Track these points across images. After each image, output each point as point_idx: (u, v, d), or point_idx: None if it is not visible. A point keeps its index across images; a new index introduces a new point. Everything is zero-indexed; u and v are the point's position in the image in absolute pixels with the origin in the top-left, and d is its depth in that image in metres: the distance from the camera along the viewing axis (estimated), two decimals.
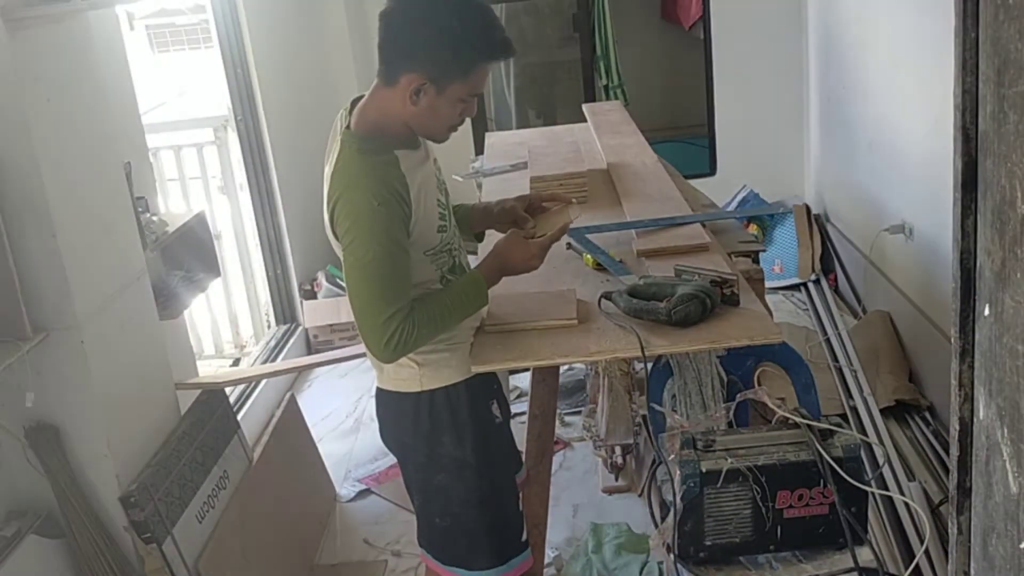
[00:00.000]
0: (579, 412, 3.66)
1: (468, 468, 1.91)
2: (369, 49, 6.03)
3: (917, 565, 2.47)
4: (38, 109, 2.12)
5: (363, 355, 2.04)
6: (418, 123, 1.77)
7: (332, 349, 4.36)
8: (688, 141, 5.93)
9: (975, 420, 1.03)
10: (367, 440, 3.73)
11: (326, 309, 4.54)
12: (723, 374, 2.35)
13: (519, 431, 2.48)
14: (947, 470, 2.84)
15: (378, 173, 1.71)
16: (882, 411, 3.42)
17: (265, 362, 4.15)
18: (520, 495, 2.06)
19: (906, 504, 2.78)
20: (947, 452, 2.90)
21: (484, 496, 1.94)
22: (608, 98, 5.44)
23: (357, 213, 1.70)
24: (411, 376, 1.90)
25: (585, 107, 4.13)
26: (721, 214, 2.81)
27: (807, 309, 4.63)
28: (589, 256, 2.29)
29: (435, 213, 1.80)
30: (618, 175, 3.04)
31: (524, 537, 2.01)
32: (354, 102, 1.84)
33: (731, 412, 1.99)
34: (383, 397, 1.97)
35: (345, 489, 3.43)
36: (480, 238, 2.15)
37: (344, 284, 1.83)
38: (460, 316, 1.83)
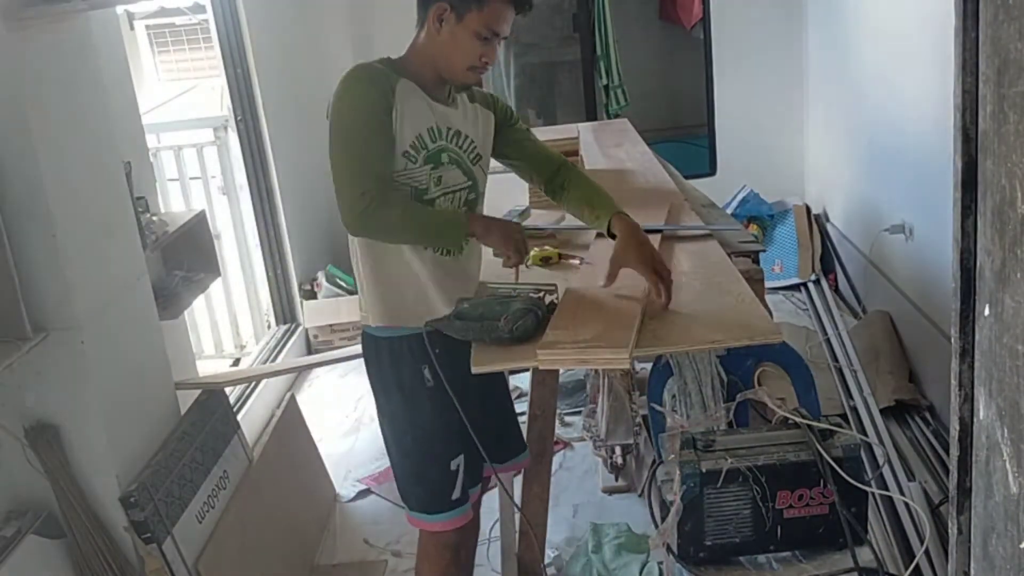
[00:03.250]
0: (579, 412, 3.66)
1: (394, 418, 2.06)
2: (369, 49, 6.06)
3: (917, 565, 2.47)
4: (38, 109, 2.12)
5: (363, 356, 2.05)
6: (441, 55, 1.89)
7: (332, 349, 4.37)
8: (688, 141, 5.94)
9: (975, 420, 1.03)
10: (367, 440, 3.73)
11: (326, 309, 4.55)
12: (723, 374, 2.35)
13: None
14: (947, 470, 2.84)
15: (376, 75, 1.87)
16: (882, 411, 3.42)
17: (265, 362, 4.16)
18: (468, 459, 2.07)
19: (906, 504, 2.78)
20: (947, 452, 2.90)
21: (407, 449, 2.06)
22: (608, 97, 5.44)
23: (348, 95, 1.85)
24: (365, 313, 2.04)
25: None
26: (701, 227, 2.81)
27: (807, 309, 4.63)
28: (536, 250, 2.28)
29: (407, 140, 1.88)
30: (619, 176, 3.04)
31: (456, 495, 2.06)
32: None
33: (731, 412, 1.99)
34: (363, 334, 2.10)
35: (345, 489, 3.43)
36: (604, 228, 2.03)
37: (341, 285, 1.86)
38: (425, 236, 1.92)
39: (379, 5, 5.22)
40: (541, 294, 1.90)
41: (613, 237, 1.95)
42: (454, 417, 1.96)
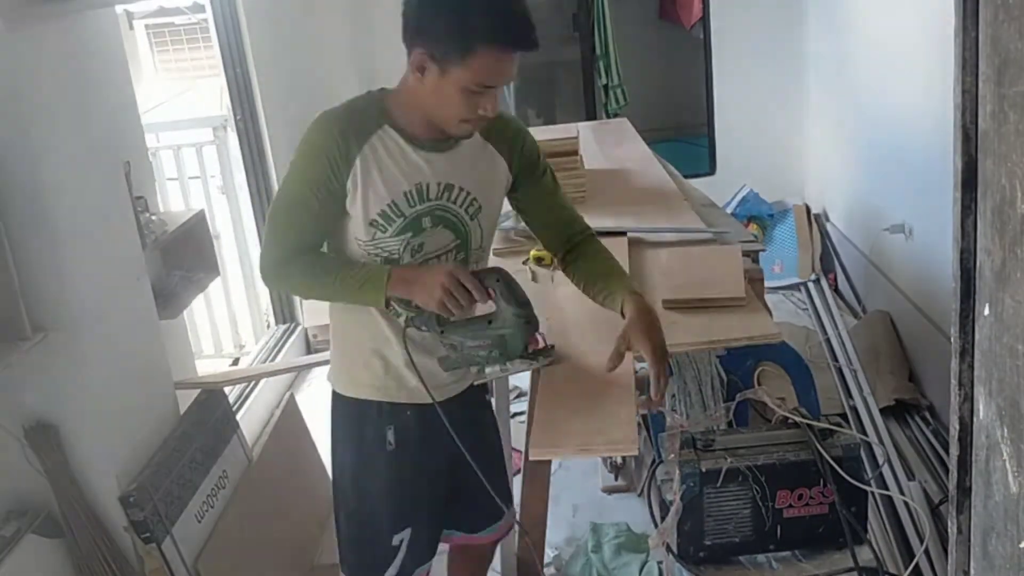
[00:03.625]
0: None
1: (343, 474, 1.91)
2: (369, 49, 6.03)
3: (917, 565, 2.47)
4: (38, 109, 2.11)
5: None
6: (427, 105, 1.61)
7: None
8: (688, 141, 5.94)
9: (975, 420, 1.03)
10: None
11: (326, 309, 4.53)
12: (723, 374, 2.36)
13: (519, 431, 2.48)
14: (947, 470, 2.84)
15: (341, 132, 1.62)
16: (882, 411, 3.42)
17: (264, 362, 4.15)
18: (406, 532, 1.90)
19: (906, 504, 2.78)
20: (947, 452, 2.90)
21: (350, 510, 1.93)
22: (608, 97, 5.44)
23: (299, 153, 1.67)
24: (333, 377, 1.93)
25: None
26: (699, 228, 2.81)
27: (807, 309, 4.63)
28: (534, 251, 2.27)
29: (375, 208, 1.65)
30: (621, 177, 3.04)
31: (391, 574, 1.91)
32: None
33: (731, 412, 1.99)
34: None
35: None
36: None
37: None
38: (342, 294, 1.72)
39: (379, 4, 5.22)
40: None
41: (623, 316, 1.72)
42: (412, 486, 1.87)
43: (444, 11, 1.54)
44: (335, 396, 1.92)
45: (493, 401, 2.29)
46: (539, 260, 2.28)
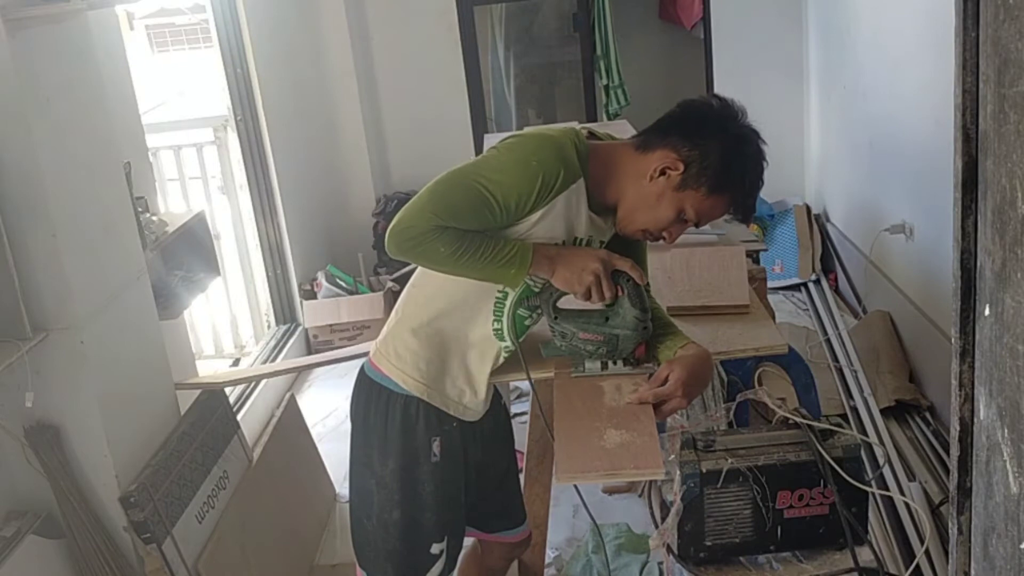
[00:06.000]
0: None
1: (385, 488, 1.86)
2: (369, 49, 6.04)
3: (917, 565, 2.47)
4: (38, 109, 2.11)
5: (364, 355, 2.01)
6: (633, 197, 1.67)
7: (332, 349, 4.36)
8: None
9: (975, 420, 1.03)
10: None
11: (326, 309, 4.55)
12: (723, 374, 2.35)
13: (519, 431, 2.47)
14: (947, 470, 2.84)
15: (566, 163, 1.62)
16: (882, 411, 3.42)
17: (265, 362, 4.16)
18: (444, 541, 1.91)
19: (906, 504, 2.78)
20: (947, 452, 2.90)
21: (389, 522, 1.88)
22: (608, 97, 5.44)
23: (526, 151, 1.62)
24: (383, 362, 1.84)
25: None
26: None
27: (807, 309, 4.63)
28: None
29: (542, 238, 1.67)
30: None
31: None
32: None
33: (731, 412, 1.99)
34: (365, 368, 1.91)
35: (345, 489, 3.42)
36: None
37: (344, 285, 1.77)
38: (481, 266, 1.64)
39: (378, 5, 5.23)
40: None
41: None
42: (453, 497, 1.89)
43: (728, 152, 1.64)
44: (379, 393, 1.84)
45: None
46: None
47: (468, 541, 2.13)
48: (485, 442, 1.91)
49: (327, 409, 4.05)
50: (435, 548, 1.90)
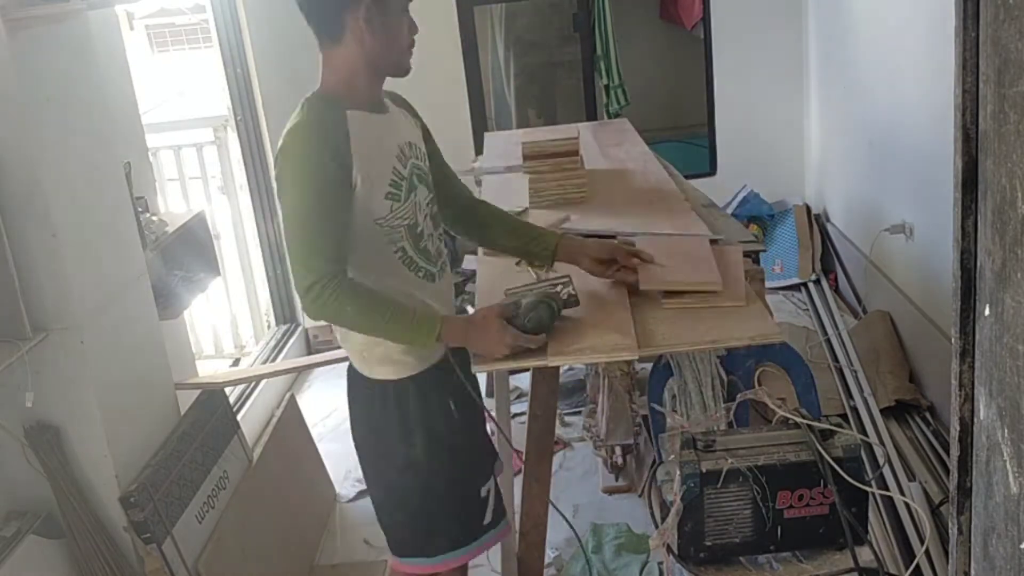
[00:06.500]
0: (579, 412, 3.66)
1: (419, 467, 1.89)
2: None
3: (917, 565, 2.47)
4: (38, 109, 2.12)
5: None
6: (379, 54, 1.77)
7: (332, 349, 4.36)
8: (688, 141, 5.93)
9: (975, 420, 1.03)
10: None
11: None
12: (723, 374, 2.35)
13: (519, 431, 2.48)
14: (947, 470, 2.84)
15: (320, 130, 1.71)
16: (882, 411, 3.42)
17: (265, 362, 4.15)
18: (489, 480, 2.01)
19: (906, 504, 2.78)
20: (947, 452, 2.90)
21: (438, 492, 1.91)
22: (608, 97, 5.44)
23: (293, 166, 1.70)
24: (362, 360, 1.89)
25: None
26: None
27: (807, 309, 4.63)
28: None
29: (385, 180, 1.76)
30: (620, 178, 3.04)
31: (487, 520, 1.98)
32: None
33: (731, 412, 1.99)
34: (350, 374, 1.95)
35: (345, 489, 3.42)
36: (549, 261, 2.08)
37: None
38: (392, 333, 1.74)
39: None
40: (557, 288, 1.91)
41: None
42: (478, 442, 1.96)
43: None
44: (383, 389, 1.88)
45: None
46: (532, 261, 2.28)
47: None
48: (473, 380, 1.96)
49: (327, 409, 4.05)
50: (483, 491, 1.98)
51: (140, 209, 2.66)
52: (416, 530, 1.95)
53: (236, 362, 4.30)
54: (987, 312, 0.97)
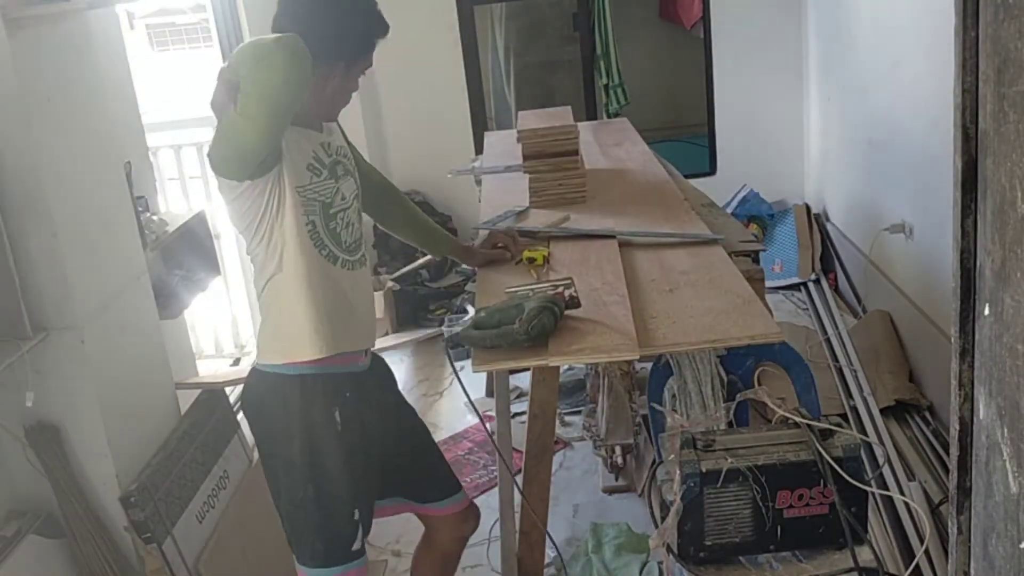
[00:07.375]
0: (579, 412, 3.66)
1: (292, 466, 1.92)
2: None
3: (917, 565, 2.47)
4: (38, 108, 2.12)
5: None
6: (326, 103, 1.93)
7: None
8: (688, 141, 5.93)
9: (975, 420, 1.03)
10: None
11: None
12: (723, 374, 2.35)
13: (519, 431, 2.48)
14: (947, 470, 2.84)
15: None
16: (882, 411, 3.42)
17: None
18: (365, 507, 2.00)
19: (906, 504, 2.78)
20: (947, 452, 2.90)
21: (305, 499, 1.93)
22: (608, 97, 5.44)
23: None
24: (273, 341, 1.93)
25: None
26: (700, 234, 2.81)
27: (807, 309, 4.63)
28: (526, 251, 2.29)
29: (307, 155, 1.88)
30: (619, 176, 3.04)
31: (356, 547, 1.97)
32: None
33: (731, 412, 1.99)
34: (255, 368, 1.98)
35: None
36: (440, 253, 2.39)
37: None
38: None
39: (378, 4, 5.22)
40: (559, 290, 1.89)
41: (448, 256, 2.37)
42: (359, 461, 1.94)
43: (349, 29, 1.94)
44: (274, 382, 1.92)
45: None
46: (531, 260, 2.28)
47: (416, 535, 2.23)
48: (380, 408, 2.03)
49: None
50: (356, 514, 1.97)
51: (140, 209, 2.66)
52: (293, 533, 2.00)
53: (236, 362, 4.30)
54: (987, 312, 0.97)
